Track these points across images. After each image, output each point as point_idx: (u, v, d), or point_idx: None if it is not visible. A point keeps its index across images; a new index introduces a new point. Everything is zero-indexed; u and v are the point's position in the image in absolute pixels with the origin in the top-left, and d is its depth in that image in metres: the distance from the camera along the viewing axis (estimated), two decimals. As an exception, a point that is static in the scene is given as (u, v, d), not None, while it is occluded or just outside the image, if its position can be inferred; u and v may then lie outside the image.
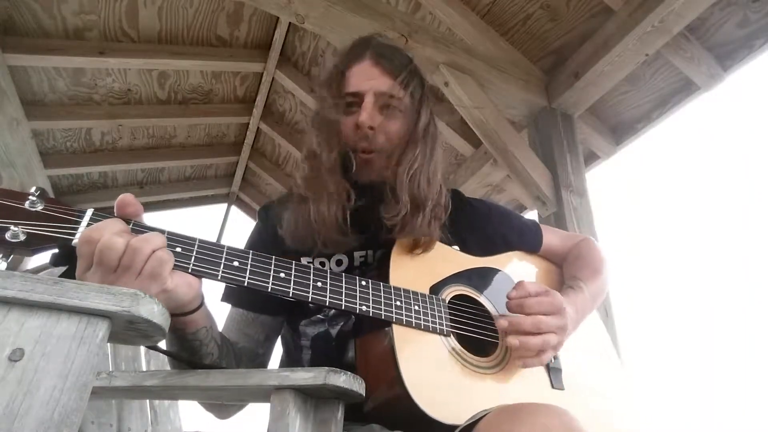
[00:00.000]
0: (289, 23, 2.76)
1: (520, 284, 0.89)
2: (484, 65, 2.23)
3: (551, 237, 1.19)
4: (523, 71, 2.36)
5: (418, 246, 0.94)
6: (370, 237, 0.97)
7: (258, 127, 3.62)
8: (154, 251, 0.64)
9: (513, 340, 0.83)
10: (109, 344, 0.82)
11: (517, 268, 1.09)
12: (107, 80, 2.86)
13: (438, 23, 2.35)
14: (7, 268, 0.59)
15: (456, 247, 1.05)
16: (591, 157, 2.63)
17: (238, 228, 4.28)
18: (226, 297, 1.01)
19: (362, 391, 0.65)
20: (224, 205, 4.34)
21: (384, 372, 0.77)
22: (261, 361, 1.00)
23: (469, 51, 2.23)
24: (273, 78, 3.16)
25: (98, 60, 2.57)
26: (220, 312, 0.94)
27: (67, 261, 0.65)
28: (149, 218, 0.73)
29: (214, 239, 0.74)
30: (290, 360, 1.03)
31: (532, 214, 2.60)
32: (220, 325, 0.94)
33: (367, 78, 0.98)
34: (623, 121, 2.52)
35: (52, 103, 2.86)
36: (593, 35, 2.14)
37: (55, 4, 2.35)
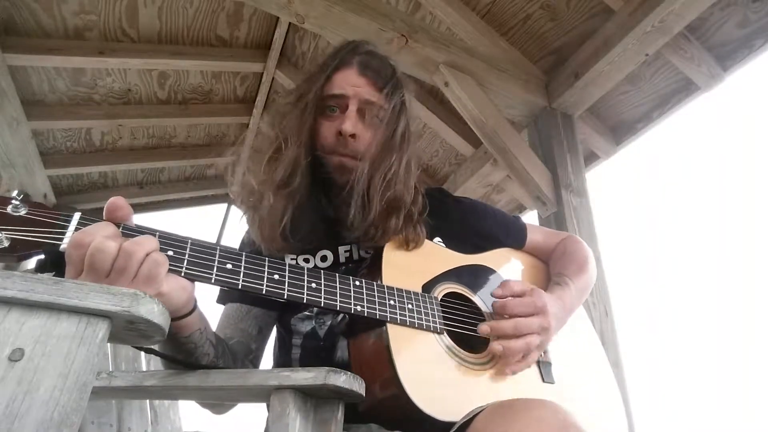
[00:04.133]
0: (289, 23, 2.75)
1: (504, 283, 0.91)
2: (484, 65, 2.23)
3: (536, 234, 1.21)
4: (523, 71, 2.35)
5: (407, 245, 0.96)
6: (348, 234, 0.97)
7: (258, 128, 3.62)
8: (148, 254, 0.62)
9: (497, 347, 0.85)
10: (109, 344, 0.82)
11: (505, 265, 1.11)
12: (107, 80, 2.86)
13: (438, 23, 2.35)
14: (7, 268, 0.59)
15: (440, 242, 1.06)
16: (591, 157, 2.63)
17: (238, 228, 4.27)
18: (221, 299, 1.02)
19: (362, 391, 0.65)
20: (224, 205, 4.34)
21: (380, 371, 0.78)
22: (254, 357, 1.00)
23: (469, 51, 2.23)
24: (273, 78, 3.16)
25: (98, 60, 2.57)
26: (213, 313, 0.95)
27: (54, 267, 0.62)
28: (149, 218, 0.72)
29: (213, 239, 0.73)
30: (281, 358, 1.03)
31: (532, 214, 2.60)
32: (214, 324, 0.94)
33: (351, 85, 0.99)
34: (623, 121, 2.52)
35: (52, 103, 2.86)
36: (593, 35, 2.14)
37: (55, 4, 2.35)
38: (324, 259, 1.00)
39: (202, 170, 4.05)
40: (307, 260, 1.00)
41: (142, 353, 1.32)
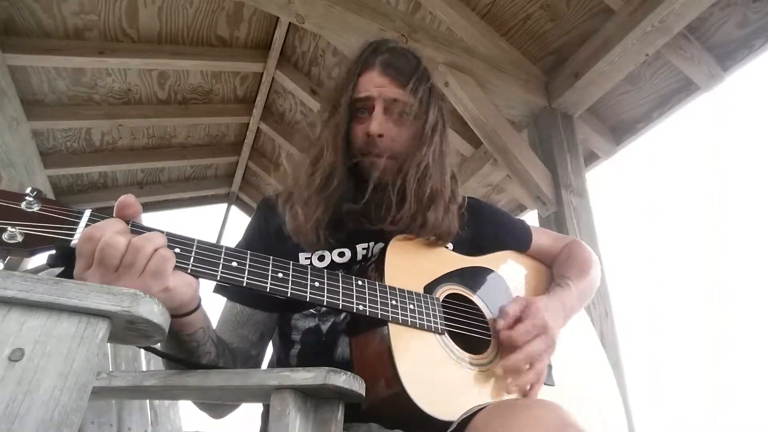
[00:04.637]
0: (289, 23, 2.76)
1: (502, 311, 0.92)
2: (484, 65, 2.23)
3: (542, 237, 1.21)
4: (523, 71, 2.36)
5: (440, 239, 0.98)
6: (373, 231, 0.99)
7: (258, 127, 3.62)
8: (156, 249, 0.64)
9: (513, 388, 0.86)
10: (109, 344, 0.82)
11: (508, 268, 1.11)
12: (107, 80, 2.86)
13: (438, 23, 2.35)
14: (6, 268, 0.59)
15: (449, 246, 1.06)
16: (591, 157, 2.64)
17: (238, 228, 4.28)
18: (219, 289, 1.00)
19: (362, 391, 0.65)
20: (224, 205, 4.34)
21: (381, 370, 0.78)
22: (255, 363, 1.00)
23: (469, 51, 2.23)
24: (273, 78, 3.16)
25: (98, 60, 2.57)
26: (213, 310, 0.94)
27: (65, 262, 0.65)
28: (149, 218, 0.73)
29: (214, 239, 0.74)
30: (279, 353, 1.03)
31: (532, 214, 2.60)
32: (214, 325, 0.94)
33: (375, 86, 1.00)
34: (623, 121, 2.52)
35: (52, 103, 2.86)
36: (593, 35, 2.14)
37: (55, 4, 2.35)
38: (342, 255, 1.00)
39: (202, 170, 4.06)
40: (322, 257, 0.99)
41: (142, 353, 1.32)
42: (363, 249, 1.01)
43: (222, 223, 4.23)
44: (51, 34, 2.47)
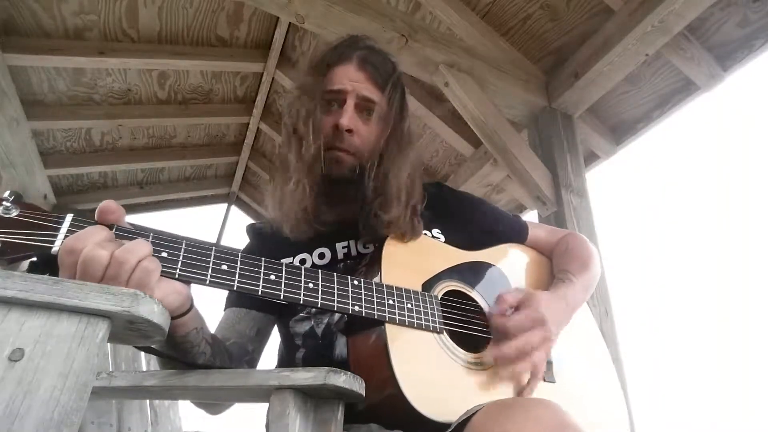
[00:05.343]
0: (289, 23, 2.76)
1: (499, 299, 0.90)
2: (484, 65, 2.23)
3: (537, 230, 1.21)
4: (523, 71, 2.36)
5: (404, 237, 0.96)
6: (350, 228, 0.98)
7: (258, 127, 3.62)
8: (139, 261, 0.62)
9: (505, 375, 0.85)
10: (109, 344, 0.82)
11: (508, 261, 1.09)
12: (107, 80, 2.86)
13: (438, 23, 2.35)
14: (8, 268, 0.59)
15: (439, 233, 1.06)
16: (591, 157, 2.63)
17: (238, 228, 4.28)
18: (226, 303, 1.02)
19: (362, 391, 0.65)
20: (224, 205, 4.34)
21: (378, 371, 0.77)
22: (251, 359, 0.99)
23: (469, 51, 2.23)
24: (273, 78, 3.16)
25: (98, 60, 2.57)
26: (214, 316, 0.95)
27: (47, 269, 0.61)
28: (149, 218, 0.72)
29: (213, 240, 0.73)
30: (286, 359, 1.03)
31: (532, 214, 2.60)
32: (212, 326, 0.94)
33: (350, 80, 0.99)
34: (623, 121, 2.52)
35: (52, 103, 2.86)
36: (593, 35, 2.14)
37: (55, 4, 2.35)
38: (322, 256, 1.00)
39: (202, 170, 4.05)
40: (303, 260, 0.99)
41: (142, 353, 1.32)
42: (343, 248, 1.01)
43: (222, 223, 4.22)
44: (51, 34, 2.47)
